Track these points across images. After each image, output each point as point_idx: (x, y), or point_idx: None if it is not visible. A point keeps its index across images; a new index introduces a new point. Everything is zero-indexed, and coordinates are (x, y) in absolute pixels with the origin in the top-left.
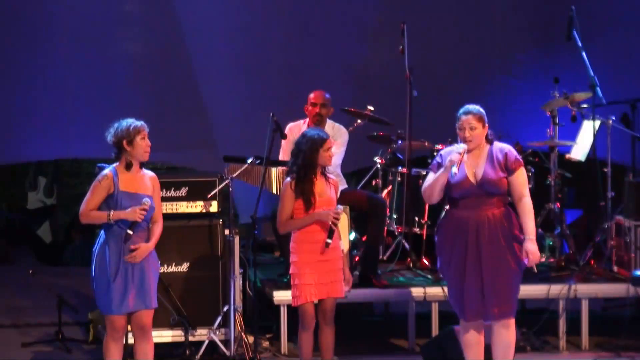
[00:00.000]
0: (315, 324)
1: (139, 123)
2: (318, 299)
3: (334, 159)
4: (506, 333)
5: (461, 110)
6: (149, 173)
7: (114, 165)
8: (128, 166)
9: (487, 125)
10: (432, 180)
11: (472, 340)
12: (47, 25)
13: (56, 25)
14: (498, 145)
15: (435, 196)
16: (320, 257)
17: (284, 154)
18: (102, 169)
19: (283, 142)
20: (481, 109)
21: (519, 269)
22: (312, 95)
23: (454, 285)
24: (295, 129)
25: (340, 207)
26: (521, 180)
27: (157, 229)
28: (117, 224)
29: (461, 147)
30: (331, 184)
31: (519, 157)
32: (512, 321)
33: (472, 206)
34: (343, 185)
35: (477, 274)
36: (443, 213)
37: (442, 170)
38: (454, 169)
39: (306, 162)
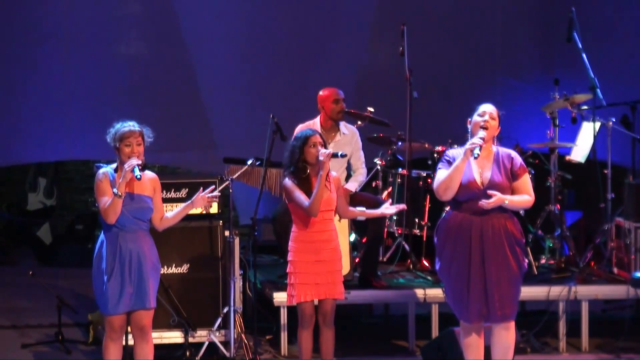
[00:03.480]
0: (316, 324)
1: (126, 129)
2: (315, 298)
3: (359, 158)
4: (506, 335)
5: (481, 104)
6: (149, 174)
7: (112, 166)
8: (117, 169)
9: (499, 127)
10: (451, 170)
11: (472, 342)
12: (47, 27)
13: (56, 27)
14: (504, 150)
15: (452, 188)
16: (318, 257)
17: None
18: (99, 168)
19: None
20: None
21: (520, 272)
22: (328, 93)
23: (456, 287)
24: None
25: (325, 150)
26: (526, 185)
27: (169, 214)
28: (115, 226)
29: (481, 133)
30: (330, 182)
31: (524, 164)
32: (513, 323)
33: (476, 209)
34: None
35: (480, 277)
36: (443, 214)
37: (460, 157)
38: (477, 151)
39: (297, 160)
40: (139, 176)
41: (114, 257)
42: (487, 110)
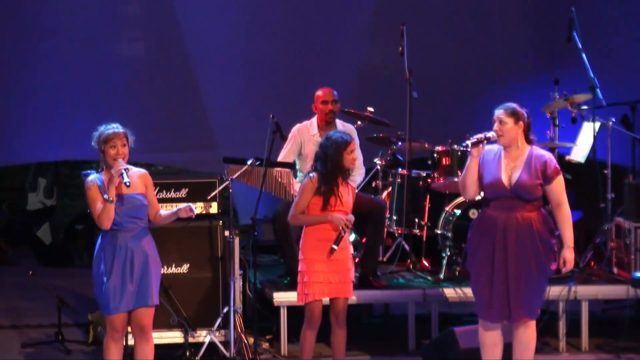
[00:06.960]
0: (321, 325)
1: (110, 131)
2: (327, 297)
3: (357, 158)
4: (524, 332)
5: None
6: (138, 171)
7: (98, 171)
8: (101, 170)
9: (522, 123)
10: (464, 171)
11: (491, 341)
12: (47, 27)
13: (56, 26)
14: (539, 151)
15: (469, 188)
16: (330, 256)
17: (287, 154)
18: (87, 176)
19: (287, 143)
20: (517, 107)
21: (543, 273)
22: (320, 93)
23: (479, 285)
24: (303, 129)
25: (352, 216)
26: (559, 188)
27: (163, 212)
28: (113, 226)
29: (490, 133)
30: (350, 189)
31: (557, 166)
32: (533, 322)
33: (502, 207)
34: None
35: (504, 276)
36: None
37: (469, 158)
38: (468, 142)
39: (333, 166)
40: (128, 183)
41: (112, 257)
42: (496, 116)
